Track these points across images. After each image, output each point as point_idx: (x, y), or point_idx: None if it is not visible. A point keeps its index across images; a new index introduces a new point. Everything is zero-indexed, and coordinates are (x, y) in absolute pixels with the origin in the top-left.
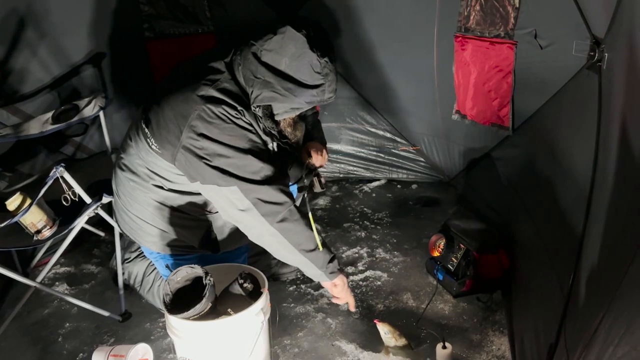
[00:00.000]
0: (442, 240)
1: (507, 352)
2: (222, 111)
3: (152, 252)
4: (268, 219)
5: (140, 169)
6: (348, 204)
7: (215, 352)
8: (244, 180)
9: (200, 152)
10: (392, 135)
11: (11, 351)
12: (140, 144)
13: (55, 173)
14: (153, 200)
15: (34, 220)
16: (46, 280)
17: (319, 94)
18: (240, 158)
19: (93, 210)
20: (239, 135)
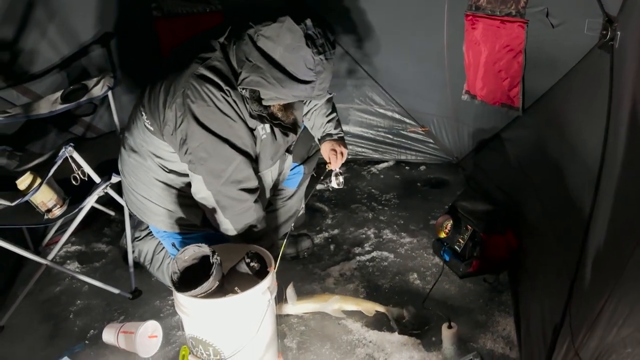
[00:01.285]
0: (449, 221)
1: (513, 332)
2: (206, 91)
3: (159, 230)
4: (223, 211)
5: (141, 148)
6: (356, 186)
7: (222, 330)
8: (209, 173)
9: (180, 131)
10: (400, 117)
11: (24, 327)
12: (139, 124)
13: (64, 153)
14: (155, 179)
15: (44, 199)
16: (57, 259)
17: (308, 90)
18: (214, 145)
19: (102, 190)
20: (219, 120)
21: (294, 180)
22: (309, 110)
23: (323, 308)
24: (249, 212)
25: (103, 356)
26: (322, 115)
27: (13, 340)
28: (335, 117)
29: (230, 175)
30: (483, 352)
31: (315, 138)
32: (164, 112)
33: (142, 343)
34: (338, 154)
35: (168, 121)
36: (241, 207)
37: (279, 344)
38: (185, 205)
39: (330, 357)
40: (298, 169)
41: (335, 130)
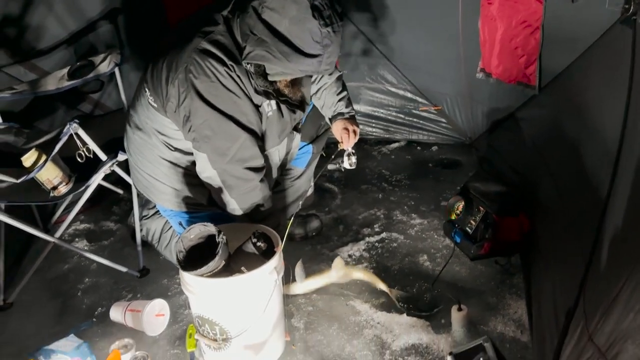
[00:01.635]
0: (461, 202)
1: (524, 315)
2: (209, 66)
3: (165, 209)
4: (229, 190)
5: (146, 125)
6: (366, 166)
7: (228, 310)
8: (214, 151)
9: (183, 107)
10: (413, 95)
11: (32, 305)
12: (142, 100)
13: (69, 129)
14: (161, 158)
15: (49, 177)
16: (66, 237)
17: (315, 65)
18: (219, 122)
19: (109, 168)
20: (223, 96)
21: (302, 160)
22: (319, 88)
23: (330, 278)
24: (254, 191)
25: (110, 334)
26: (333, 93)
27: (22, 317)
28: (346, 96)
29: (235, 153)
30: (493, 335)
31: (325, 117)
32: (167, 89)
33: (149, 321)
34: (350, 133)
35: (171, 98)
36: (247, 186)
37: (286, 323)
38: (191, 184)
39: (337, 337)
40: (306, 148)
41: (346, 109)
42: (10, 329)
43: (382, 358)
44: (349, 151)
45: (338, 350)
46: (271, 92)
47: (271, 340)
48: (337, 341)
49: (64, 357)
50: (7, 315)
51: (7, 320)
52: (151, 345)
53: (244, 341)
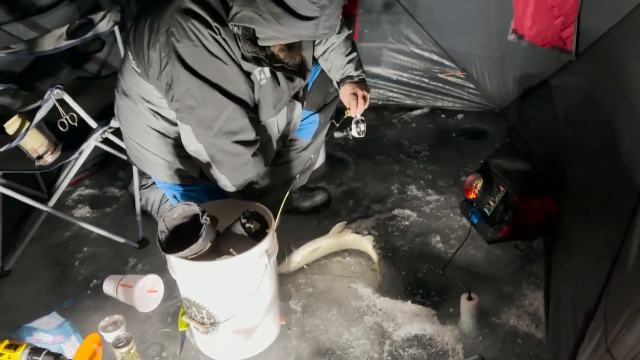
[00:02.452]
0: (480, 180)
1: (541, 308)
2: (192, 28)
3: (159, 181)
4: (217, 166)
5: (131, 92)
6: (384, 134)
7: (215, 294)
8: (199, 123)
9: (165, 74)
10: (439, 58)
11: (29, 272)
12: (127, 64)
13: (50, 96)
14: (149, 127)
15: (34, 145)
16: (70, 202)
17: (311, 29)
18: (203, 91)
19: (100, 136)
20: (207, 62)
21: (308, 130)
22: (326, 49)
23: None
24: (246, 167)
25: (104, 308)
26: (341, 54)
27: (18, 285)
28: (355, 57)
29: (222, 125)
30: (505, 328)
31: (333, 81)
32: (148, 53)
33: (140, 298)
34: (359, 98)
35: (152, 63)
36: (237, 161)
37: (283, 306)
38: (181, 156)
39: (335, 323)
40: (313, 118)
41: (356, 71)
42: (5, 299)
43: (381, 348)
44: (358, 118)
45: (335, 337)
46: (262, 59)
47: (263, 324)
48: (335, 327)
49: (46, 335)
50: (4, 283)
51: (4, 288)
52: (143, 322)
53: (232, 326)
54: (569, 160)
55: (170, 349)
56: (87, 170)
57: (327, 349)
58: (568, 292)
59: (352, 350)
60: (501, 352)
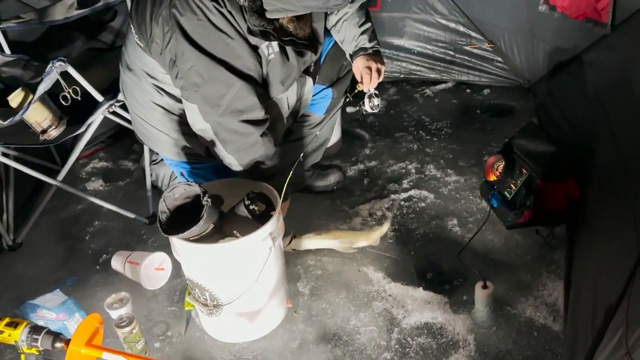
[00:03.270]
0: (501, 162)
1: (560, 299)
2: (197, 1)
3: (166, 158)
4: (225, 146)
5: (134, 66)
6: (405, 110)
7: (217, 276)
8: (205, 102)
9: (168, 50)
10: (465, 29)
11: (40, 246)
12: (130, 37)
13: (52, 69)
14: (153, 103)
15: (37, 119)
16: (83, 175)
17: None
18: (209, 68)
19: (107, 110)
20: (212, 37)
21: (320, 106)
22: (338, 20)
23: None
24: (255, 146)
25: (111, 284)
26: (354, 25)
27: (29, 259)
28: (370, 28)
29: (229, 103)
30: (521, 319)
31: (346, 53)
32: (151, 27)
33: (147, 275)
34: (373, 71)
35: (155, 38)
36: (245, 141)
37: (291, 288)
38: (187, 133)
39: (343, 307)
40: (325, 92)
41: (370, 43)
42: (16, 272)
43: (389, 336)
44: (371, 92)
45: (342, 322)
46: (270, 32)
47: (268, 307)
48: (342, 312)
49: (49, 312)
50: (15, 256)
51: (14, 261)
52: (149, 300)
53: (236, 309)
54: (598, 142)
55: (176, 329)
56: (101, 142)
57: (333, 334)
58: (589, 283)
59: (358, 337)
60: (515, 345)
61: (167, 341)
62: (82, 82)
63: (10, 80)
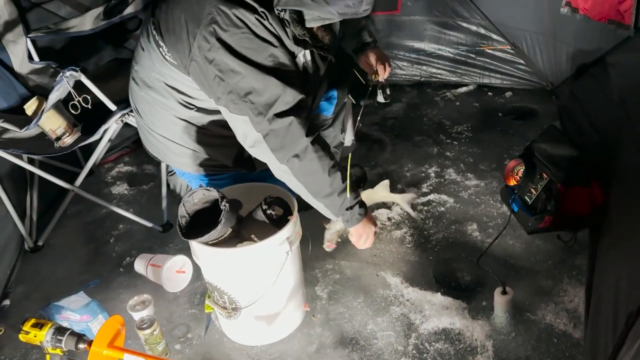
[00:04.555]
0: (522, 166)
1: (581, 306)
2: (239, 15)
3: (184, 172)
4: (277, 155)
5: (156, 83)
6: (425, 113)
7: (235, 280)
8: (257, 112)
9: (213, 66)
10: (486, 32)
11: (66, 248)
12: (153, 54)
13: (62, 78)
14: (177, 118)
15: (52, 127)
16: (109, 179)
17: (355, 5)
18: (258, 78)
19: (119, 119)
20: (258, 48)
21: (328, 107)
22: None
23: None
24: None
25: (134, 286)
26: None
27: (56, 261)
28: (366, 24)
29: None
30: (540, 326)
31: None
32: (189, 45)
33: (168, 277)
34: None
35: (195, 56)
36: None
37: (309, 292)
38: (212, 144)
39: (361, 312)
40: (330, 94)
41: (370, 38)
42: (42, 274)
43: (406, 341)
44: (383, 82)
45: (360, 327)
46: (308, 41)
47: (286, 311)
48: (360, 316)
49: (73, 314)
50: (43, 258)
51: (42, 263)
52: (171, 302)
53: (254, 312)
54: (622, 145)
55: (196, 331)
56: (126, 147)
57: (350, 339)
58: (610, 288)
59: (376, 342)
60: (534, 351)
61: (187, 343)
62: (95, 91)
63: (37, 89)
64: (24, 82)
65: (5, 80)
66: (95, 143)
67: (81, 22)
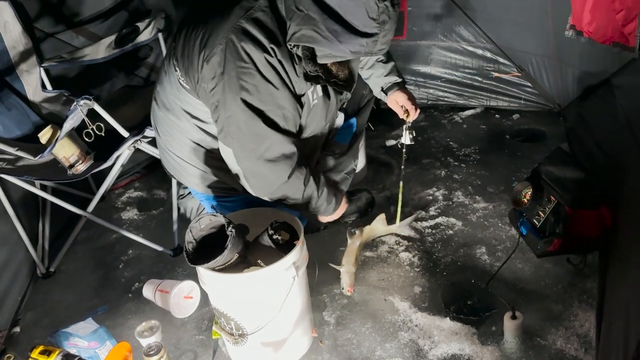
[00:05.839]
0: (529, 189)
1: (592, 330)
2: (247, 50)
3: (197, 192)
4: (255, 190)
5: (174, 105)
6: (432, 136)
7: (242, 305)
8: (240, 149)
9: (213, 93)
10: (493, 55)
11: (76, 274)
12: (171, 78)
13: (76, 107)
14: (192, 141)
15: (65, 155)
16: (119, 204)
17: (369, 45)
18: (248, 119)
19: (132, 145)
20: (259, 86)
21: (345, 135)
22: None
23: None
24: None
25: (142, 312)
26: (381, 63)
27: (65, 286)
28: (395, 64)
29: (262, 153)
30: (551, 351)
31: (375, 88)
32: (199, 71)
33: (176, 303)
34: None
35: (202, 82)
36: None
37: (316, 317)
38: (225, 169)
39: (369, 337)
40: (350, 122)
41: (400, 78)
42: (52, 299)
43: None
44: (409, 124)
45: (368, 353)
46: (320, 76)
47: (293, 337)
48: (368, 342)
49: (81, 341)
50: (52, 283)
51: (52, 289)
52: (179, 328)
53: (261, 338)
54: (629, 167)
55: (203, 357)
56: (137, 173)
57: None
58: (620, 313)
59: None
60: None
61: None
62: (108, 118)
63: (50, 116)
64: (37, 111)
65: (19, 109)
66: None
67: (94, 50)
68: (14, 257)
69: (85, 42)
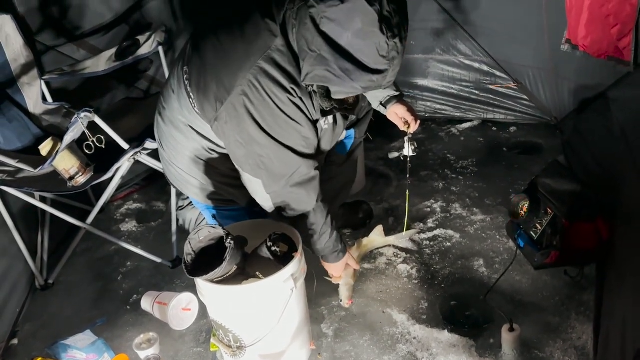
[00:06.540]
0: (526, 201)
1: (590, 343)
2: (269, 92)
3: (198, 202)
4: (282, 212)
5: (182, 125)
6: (430, 149)
7: (240, 317)
8: (271, 178)
9: (235, 133)
10: (489, 69)
11: (75, 286)
12: (183, 101)
13: (77, 120)
14: (196, 156)
15: (65, 167)
16: (118, 216)
17: (379, 80)
18: (277, 152)
19: (132, 157)
20: (283, 125)
21: (343, 146)
22: None
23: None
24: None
25: (141, 324)
26: None
27: (64, 298)
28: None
29: (290, 179)
30: None
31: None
32: (216, 108)
33: (175, 315)
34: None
35: (220, 119)
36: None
37: (314, 329)
38: (231, 185)
39: (367, 350)
40: (349, 133)
41: (397, 91)
42: (50, 311)
43: None
44: (410, 136)
45: None
46: (335, 107)
47: (291, 349)
48: (366, 354)
49: (79, 353)
50: (51, 295)
51: (50, 301)
52: (177, 340)
53: (259, 350)
54: (625, 180)
55: None
56: (136, 184)
57: None
58: (618, 326)
59: None
60: None
61: None
62: (108, 131)
63: (51, 129)
64: (37, 123)
65: (20, 122)
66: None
67: (94, 63)
68: (12, 269)
69: (86, 55)
